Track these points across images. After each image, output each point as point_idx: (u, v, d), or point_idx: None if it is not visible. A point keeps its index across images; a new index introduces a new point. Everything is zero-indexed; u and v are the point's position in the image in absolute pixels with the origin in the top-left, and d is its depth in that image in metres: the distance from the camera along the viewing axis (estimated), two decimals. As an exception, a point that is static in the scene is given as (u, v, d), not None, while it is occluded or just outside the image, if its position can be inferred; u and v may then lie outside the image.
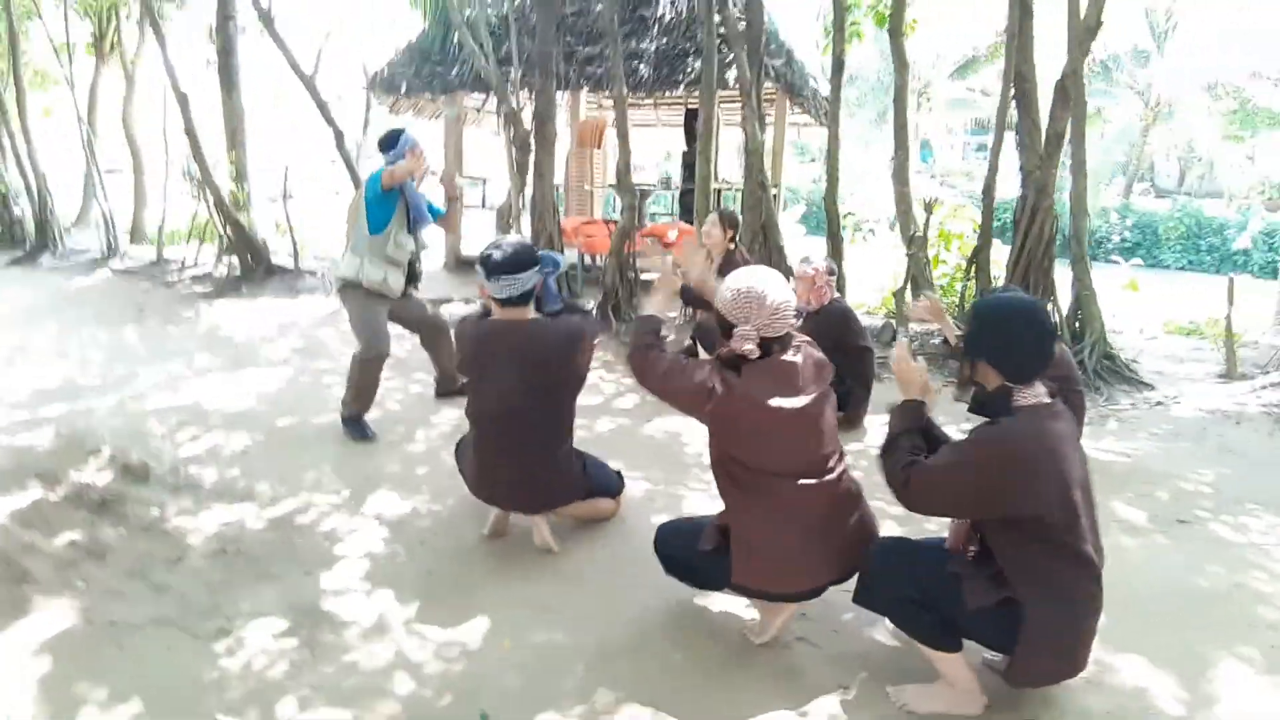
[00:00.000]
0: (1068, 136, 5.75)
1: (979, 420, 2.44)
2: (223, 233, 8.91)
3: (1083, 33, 5.43)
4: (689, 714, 2.39)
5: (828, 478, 2.55)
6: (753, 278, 2.62)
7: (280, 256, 9.43)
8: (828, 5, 9.07)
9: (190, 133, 8.72)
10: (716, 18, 6.98)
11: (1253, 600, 3.10)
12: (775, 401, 2.52)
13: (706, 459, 4.35)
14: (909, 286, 6.84)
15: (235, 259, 8.95)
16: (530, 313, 3.21)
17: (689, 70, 8.19)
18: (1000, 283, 6.28)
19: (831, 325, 4.86)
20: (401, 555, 3.32)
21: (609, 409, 5.28)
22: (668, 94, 9.29)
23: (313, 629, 2.77)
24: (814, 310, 4.92)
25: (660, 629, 2.81)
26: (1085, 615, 2.30)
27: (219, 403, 5.06)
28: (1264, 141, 18.57)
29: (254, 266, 9.00)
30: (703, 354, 2.92)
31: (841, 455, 2.64)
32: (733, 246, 5.83)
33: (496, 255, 3.13)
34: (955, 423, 3.59)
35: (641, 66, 8.41)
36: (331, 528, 3.54)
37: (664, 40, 8.54)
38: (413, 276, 4.77)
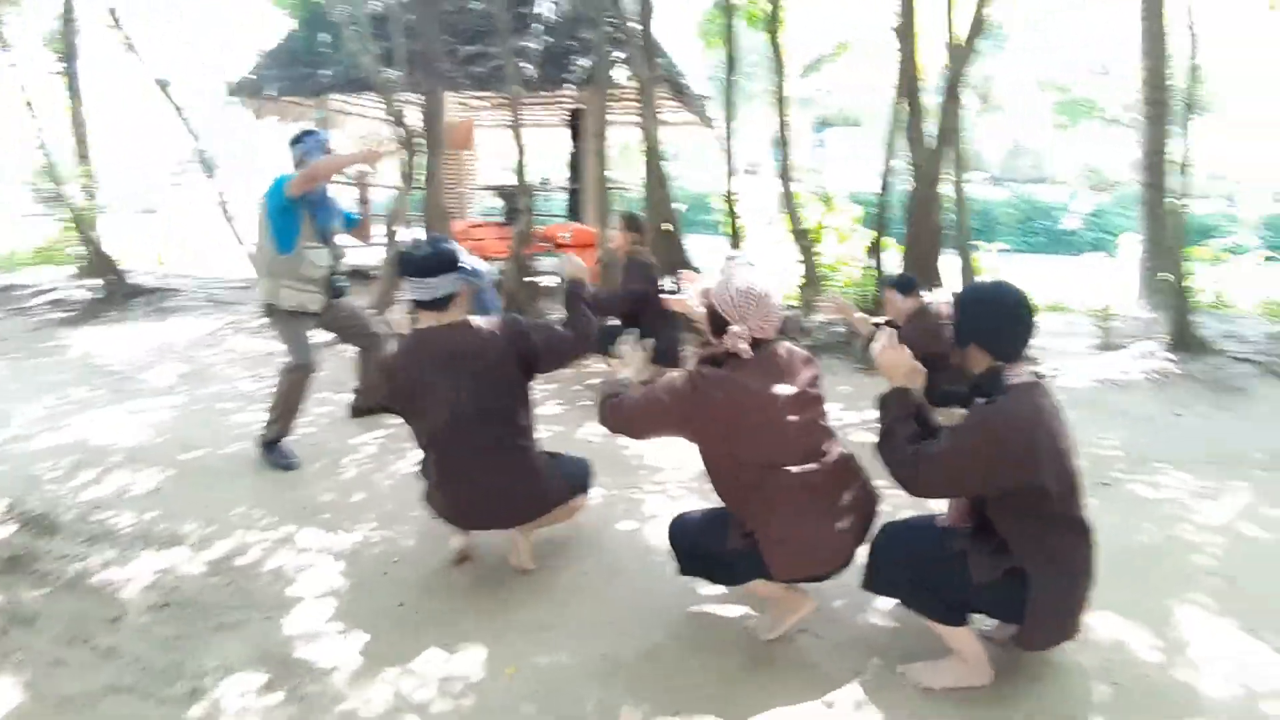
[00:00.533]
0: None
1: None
2: (80, 252, 8.11)
3: (970, 35, 5.74)
4: (722, 718, 2.35)
5: (826, 459, 2.55)
6: (755, 277, 2.61)
7: (142, 275, 8.69)
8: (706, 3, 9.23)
9: (37, 145, 7.88)
10: (608, 16, 6.95)
11: (1186, 550, 3.36)
12: (777, 389, 2.51)
13: (650, 461, 4.37)
14: (806, 279, 7.05)
15: (94, 280, 8.17)
16: (456, 316, 3.00)
17: (576, 69, 8.11)
18: (893, 270, 6.56)
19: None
20: (365, 590, 3.09)
21: (537, 416, 5.15)
22: (554, 93, 9.18)
23: (294, 680, 2.53)
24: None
25: (666, 636, 2.75)
26: (1085, 579, 2.40)
27: (111, 438, 4.58)
28: (1085, 129, 20.38)
29: (115, 287, 8.25)
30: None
31: (834, 436, 2.66)
32: (637, 249, 5.75)
33: (413, 254, 2.96)
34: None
35: (527, 65, 8.25)
36: (278, 566, 3.26)
37: (548, 39, 8.43)
38: (336, 293, 4.42)
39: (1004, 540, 2.41)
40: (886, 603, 2.90)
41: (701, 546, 2.66)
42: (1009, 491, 2.38)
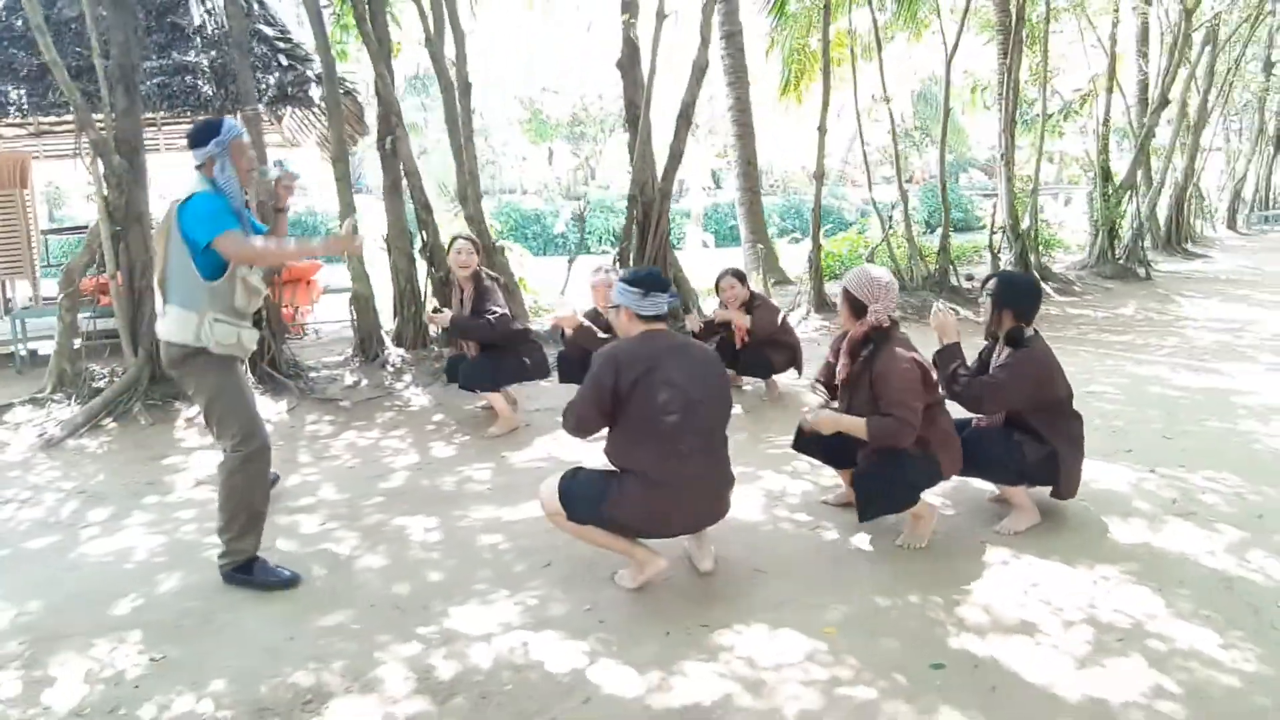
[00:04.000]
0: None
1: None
2: None
3: (698, 70, 6.74)
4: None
5: None
6: (881, 271, 3.51)
7: None
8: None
9: None
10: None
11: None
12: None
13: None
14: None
15: None
16: None
17: (266, 87, 7.03)
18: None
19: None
20: (610, 638, 2.90)
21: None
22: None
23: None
24: (618, 313, 5.37)
25: (871, 567, 3.40)
26: (1083, 449, 3.75)
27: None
28: (557, 145, 23.22)
29: None
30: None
31: None
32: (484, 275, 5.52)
33: (643, 274, 3.17)
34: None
35: (199, 82, 6.90)
36: (501, 654, 2.83)
37: (213, 53, 7.11)
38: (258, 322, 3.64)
39: (1035, 431, 3.64)
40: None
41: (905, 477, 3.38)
42: (1041, 402, 3.61)
